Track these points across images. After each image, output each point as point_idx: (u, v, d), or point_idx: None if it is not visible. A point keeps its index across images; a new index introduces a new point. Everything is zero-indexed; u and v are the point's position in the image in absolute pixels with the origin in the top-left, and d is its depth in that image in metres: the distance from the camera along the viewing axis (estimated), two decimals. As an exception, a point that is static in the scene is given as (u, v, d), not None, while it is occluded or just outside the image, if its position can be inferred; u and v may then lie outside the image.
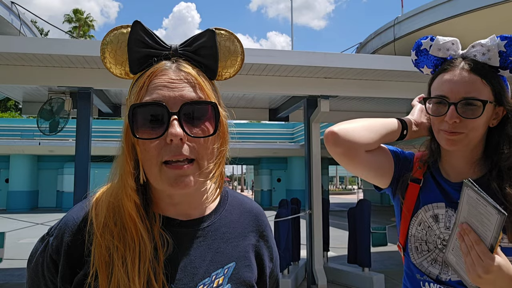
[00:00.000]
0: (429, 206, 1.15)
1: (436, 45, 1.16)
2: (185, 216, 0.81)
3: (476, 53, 1.11)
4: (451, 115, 1.04)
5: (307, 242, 6.11)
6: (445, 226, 1.11)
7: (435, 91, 1.12)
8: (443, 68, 1.13)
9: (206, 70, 0.79)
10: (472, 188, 0.88)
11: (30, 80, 5.19)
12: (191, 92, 0.73)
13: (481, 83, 1.07)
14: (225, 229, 0.84)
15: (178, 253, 0.77)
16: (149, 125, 0.71)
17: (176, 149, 0.70)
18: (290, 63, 5.30)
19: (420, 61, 1.23)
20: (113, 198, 0.76)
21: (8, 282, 6.48)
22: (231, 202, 0.90)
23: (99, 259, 0.71)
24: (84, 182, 5.16)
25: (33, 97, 6.67)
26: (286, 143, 19.71)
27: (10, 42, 4.76)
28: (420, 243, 1.15)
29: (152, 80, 0.73)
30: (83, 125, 5.32)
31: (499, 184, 1.06)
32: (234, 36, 0.82)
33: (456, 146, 1.08)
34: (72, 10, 39.21)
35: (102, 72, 5.28)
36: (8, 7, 5.60)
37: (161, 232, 0.76)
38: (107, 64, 0.79)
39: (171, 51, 0.77)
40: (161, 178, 0.72)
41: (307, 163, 6.16)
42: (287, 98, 6.95)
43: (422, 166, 1.22)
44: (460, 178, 1.14)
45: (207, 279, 0.77)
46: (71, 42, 6.29)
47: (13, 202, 19.36)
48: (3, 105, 31.84)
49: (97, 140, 15.80)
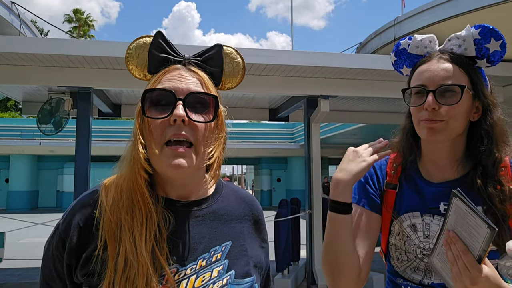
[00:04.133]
0: (406, 215, 1.12)
1: (414, 43, 1.16)
2: (185, 198, 0.90)
3: (452, 46, 1.11)
4: (430, 102, 1.03)
5: (307, 242, 6.11)
6: (424, 235, 1.09)
7: (413, 82, 1.11)
8: (421, 61, 1.13)
9: (211, 77, 0.91)
10: (461, 199, 0.87)
11: (30, 80, 5.19)
12: (198, 86, 0.85)
13: (459, 71, 1.06)
14: (222, 212, 0.93)
15: (179, 231, 0.85)
16: (158, 107, 0.83)
17: (178, 128, 0.81)
18: (290, 63, 5.30)
19: (398, 62, 1.22)
20: (122, 179, 0.85)
21: (8, 282, 6.48)
22: (227, 190, 0.99)
23: (108, 232, 0.79)
24: (84, 182, 5.16)
25: (33, 97, 6.67)
26: (286, 143, 19.71)
27: (10, 42, 4.76)
28: (400, 252, 1.13)
29: (166, 75, 0.86)
30: (83, 125, 5.33)
31: (483, 183, 1.04)
32: (238, 53, 0.95)
33: (436, 135, 1.06)
34: (72, 10, 39.23)
35: (102, 72, 5.28)
36: (8, 7, 5.60)
37: (164, 211, 0.84)
38: (129, 66, 0.92)
39: (185, 60, 0.89)
40: (161, 158, 0.81)
41: (307, 163, 6.16)
42: (287, 98, 6.95)
43: (395, 169, 1.19)
44: (442, 177, 1.12)
45: (206, 254, 0.86)
46: (71, 42, 6.29)
47: (13, 202, 19.36)
48: (3, 105, 31.85)
49: (97, 140, 15.81)
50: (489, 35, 1.06)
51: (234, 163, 7.20)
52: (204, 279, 0.83)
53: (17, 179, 19.60)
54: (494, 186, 1.03)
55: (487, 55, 1.08)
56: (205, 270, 0.84)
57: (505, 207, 1.02)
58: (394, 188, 1.17)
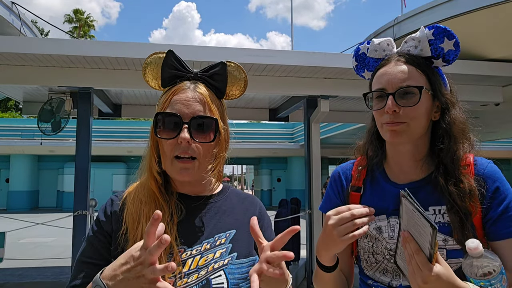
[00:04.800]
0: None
1: (373, 47, 1.18)
2: (192, 193, 1.07)
3: (409, 48, 1.13)
4: (390, 105, 1.04)
5: (307, 242, 6.12)
6: (389, 236, 1.10)
7: (374, 86, 1.13)
8: (380, 65, 1.15)
9: (216, 91, 1.05)
10: (407, 199, 0.88)
11: (30, 80, 5.19)
12: (201, 109, 1.00)
13: (417, 72, 1.08)
14: (225, 208, 1.09)
15: (188, 219, 1.02)
16: (167, 129, 0.99)
17: (183, 148, 0.97)
18: (290, 63, 5.30)
19: (359, 67, 1.23)
20: (142, 181, 1.04)
21: (9, 282, 6.49)
22: (231, 192, 1.15)
23: (130, 218, 0.98)
24: (84, 182, 5.17)
25: (33, 97, 6.68)
26: (286, 143, 19.72)
27: (10, 42, 4.76)
28: (368, 255, 1.14)
29: (174, 96, 1.00)
30: (83, 125, 5.33)
31: (445, 182, 1.05)
32: (241, 68, 1.09)
33: (399, 137, 1.07)
34: (73, 10, 39.24)
35: (102, 72, 5.29)
36: (9, 7, 5.60)
37: (177, 203, 1.02)
38: (146, 78, 1.07)
39: (193, 75, 1.04)
40: (172, 168, 0.99)
41: (307, 163, 6.16)
42: (287, 98, 6.95)
43: (360, 172, 1.21)
44: (407, 178, 1.13)
45: (211, 239, 1.00)
46: (71, 42, 6.30)
47: (13, 202, 19.38)
48: (3, 105, 31.85)
49: (97, 140, 15.82)
50: (442, 35, 1.09)
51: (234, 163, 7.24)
52: (207, 259, 0.97)
53: (18, 179, 19.61)
54: (455, 184, 1.04)
55: (443, 55, 1.10)
56: (209, 252, 0.98)
57: (466, 204, 1.02)
58: (358, 190, 1.19)
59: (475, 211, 1.03)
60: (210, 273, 0.95)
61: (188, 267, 0.94)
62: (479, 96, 6.30)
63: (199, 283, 0.93)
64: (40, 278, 6.74)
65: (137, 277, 0.77)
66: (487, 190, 1.04)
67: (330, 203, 1.23)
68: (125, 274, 0.78)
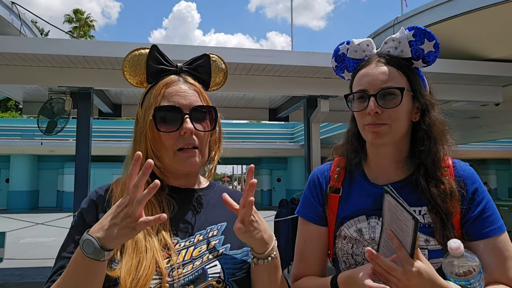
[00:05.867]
0: (351, 221, 1.12)
1: (352, 47, 1.17)
2: (184, 186, 1.07)
3: (389, 49, 1.12)
4: (372, 107, 1.04)
5: (307, 242, 6.10)
6: (370, 238, 1.09)
7: (355, 87, 1.13)
8: (360, 66, 1.14)
9: (202, 83, 1.06)
10: (390, 195, 0.89)
11: (30, 80, 5.19)
12: (197, 99, 1.01)
13: (397, 73, 1.08)
14: (215, 201, 1.09)
15: (180, 212, 1.01)
16: (168, 122, 0.98)
17: (188, 139, 0.98)
18: (290, 63, 5.30)
19: (339, 67, 1.23)
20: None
21: (9, 282, 6.48)
22: (218, 187, 1.16)
23: None
24: (84, 182, 5.17)
25: (34, 97, 6.68)
26: (286, 143, 19.71)
27: (10, 42, 4.77)
28: (347, 257, 1.13)
29: (167, 89, 1.00)
30: (83, 125, 5.33)
31: (426, 183, 1.05)
32: (221, 59, 1.12)
33: (381, 139, 1.07)
34: (72, 10, 39.24)
35: (102, 72, 5.29)
36: (9, 7, 5.60)
37: (168, 198, 1.01)
38: (126, 75, 1.05)
39: (178, 69, 1.04)
40: (175, 161, 0.99)
41: (307, 163, 6.16)
42: (287, 98, 6.95)
43: (338, 173, 1.20)
44: (387, 179, 1.13)
45: (203, 230, 1.01)
46: (71, 42, 6.30)
47: (13, 202, 19.37)
48: (3, 105, 31.86)
49: (97, 140, 15.82)
50: (422, 36, 1.09)
51: (234, 163, 7.21)
52: (201, 250, 0.97)
53: (18, 179, 19.60)
54: (436, 185, 1.04)
55: (423, 56, 1.10)
56: (202, 243, 0.98)
57: (447, 205, 1.03)
58: (337, 192, 1.18)
59: (455, 211, 1.04)
60: (205, 263, 0.94)
61: (182, 257, 0.93)
62: (479, 96, 6.30)
63: (194, 273, 0.92)
64: (40, 278, 6.73)
65: (124, 219, 0.78)
66: (466, 191, 1.05)
67: (309, 208, 1.21)
68: (112, 221, 0.79)
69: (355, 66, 1.18)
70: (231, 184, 55.68)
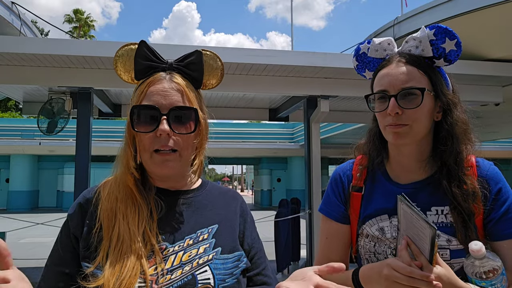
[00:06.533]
0: (373, 220, 1.13)
1: (373, 47, 1.17)
2: (173, 188, 1.02)
3: (410, 48, 1.12)
4: (392, 107, 1.04)
5: (307, 242, 6.11)
6: (392, 237, 1.10)
7: (375, 87, 1.12)
8: (381, 65, 1.14)
9: (193, 81, 1.01)
10: (405, 203, 0.89)
11: (30, 80, 5.19)
12: (179, 99, 0.95)
13: (418, 73, 1.07)
14: (206, 202, 1.04)
15: (169, 215, 0.97)
16: (145, 122, 0.94)
17: (163, 141, 0.93)
18: (290, 63, 5.30)
19: (360, 67, 1.23)
20: (117, 177, 0.98)
21: (9, 282, 6.47)
22: (211, 186, 1.11)
23: (105, 215, 0.93)
24: (84, 182, 5.17)
25: (33, 97, 6.68)
26: (286, 143, 19.70)
27: (10, 42, 4.76)
28: (369, 255, 1.13)
29: (150, 87, 0.95)
30: (83, 125, 5.33)
31: (448, 182, 1.05)
32: (217, 56, 1.04)
33: (402, 139, 1.07)
34: (72, 10, 39.22)
35: (102, 72, 5.28)
36: (9, 7, 5.60)
37: (156, 199, 0.97)
38: (118, 71, 1.01)
39: (167, 65, 0.99)
40: (151, 162, 0.95)
41: (307, 163, 6.16)
42: (287, 98, 6.95)
43: (361, 172, 1.20)
44: (410, 178, 1.13)
45: (193, 234, 0.97)
46: (71, 43, 6.29)
47: (13, 202, 19.37)
48: (3, 105, 31.84)
49: (97, 140, 15.80)
50: (444, 35, 1.08)
51: (234, 163, 7.15)
52: (191, 255, 0.93)
53: (18, 179, 19.60)
54: (458, 185, 1.04)
55: (444, 55, 1.10)
56: (192, 248, 0.95)
57: (469, 205, 1.03)
58: (359, 190, 1.18)
59: (478, 212, 1.03)
60: (195, 268, 0.91)
61: (171, 263, 0.90)
62: (479, 96, 6.30)
63: (183, 279, 0.89)
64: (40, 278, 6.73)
65: None
66: (490, 192, 1.05)
67: (331, 205, 1.23)
68: None
69: (376, 65, 1.18)
70: (231, 184, 55.61)
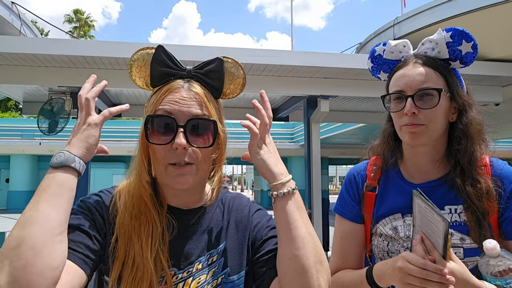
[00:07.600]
0: (387, 219, 1.15)
1: (389, 48, 1.18)
2: (185, 206, 0.96)
3: (426, 50, 1.13)
4: (409, 107, 1.05)
5: (307, 242, 6.10)
6: (405, 235, 1.11)
7: (392, 88, 1.13)
8: (397, 67, 1.15)
9: (212, 90, 0.94)
10: (420, 198, 0.90)
11: (30, 80, 5.19)
12: (197, 109, 0.88)
13: (435, 74, 1.08)
14: (217, 217, 0.99)
15: (178, 237, 0.92)
16: (160, 132, 0.87)
17: (179, 155, 0.86)
18: (290, 63, 5.30)
19: (375, 68, 1.24)
20: (131, 187, 0.93)
21: (9, 282, 6.47)
22: (225, 201, 1.04)
23: (120, 231, 0.88)
24: (84, 182, 5.17)
25: (34, 97, 6.67)
26: (286, 143, 19.70)
27: (10, 42, 4.76)
28: (383, 254, 1.15)
29: (167, 96, 0.89)
30: (83, 125, 5.32)
31: (462, 182, 1.06)
32: (238, 64, 0.98)
33: (418, 139, 1.08)
34: (73, 10, 39.22)
35: (102, 72, 5.28)
36: (9, 7, 5.60)
37: (168, 217, 0.92)
38: (132, 76, 0.96)
39: (186, 72, 0.92)
40: (165, 175, 0.88)
41: (307, 163, 6.15)
42: (287, 98, 6.95)
43: (375, 172, 1.22)
44: (424, 178, 1.14)
45: (203, 257, 0.92)
46: (71, 43, 6.29)
47: (13, 202, 19.37)
48: (3, 105, 31.83)
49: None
50: (460, 37, 1.09)
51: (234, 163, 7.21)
52: (200, 281, 0.89)
53: (18, 179, 19.61)
54: (472, 184, 1.05)
55: (460, 57, 1.11)
56: (201, 273, 0.90)
57: (483, 203, 1.03)
58: (373, 190, 1.20)
59: (492, 210, 1.04)
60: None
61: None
62: (479, 96, 6.27)
63: None
64: (40, 278, 6.73)
65: (84, 130, 0.85)
66: (504, 190, 1.06)
67: (346, 205, 1.24)
68: (74, 134, 0.86)
69: (392, 67, 1.19)
70: (231, 184, 55.63)
